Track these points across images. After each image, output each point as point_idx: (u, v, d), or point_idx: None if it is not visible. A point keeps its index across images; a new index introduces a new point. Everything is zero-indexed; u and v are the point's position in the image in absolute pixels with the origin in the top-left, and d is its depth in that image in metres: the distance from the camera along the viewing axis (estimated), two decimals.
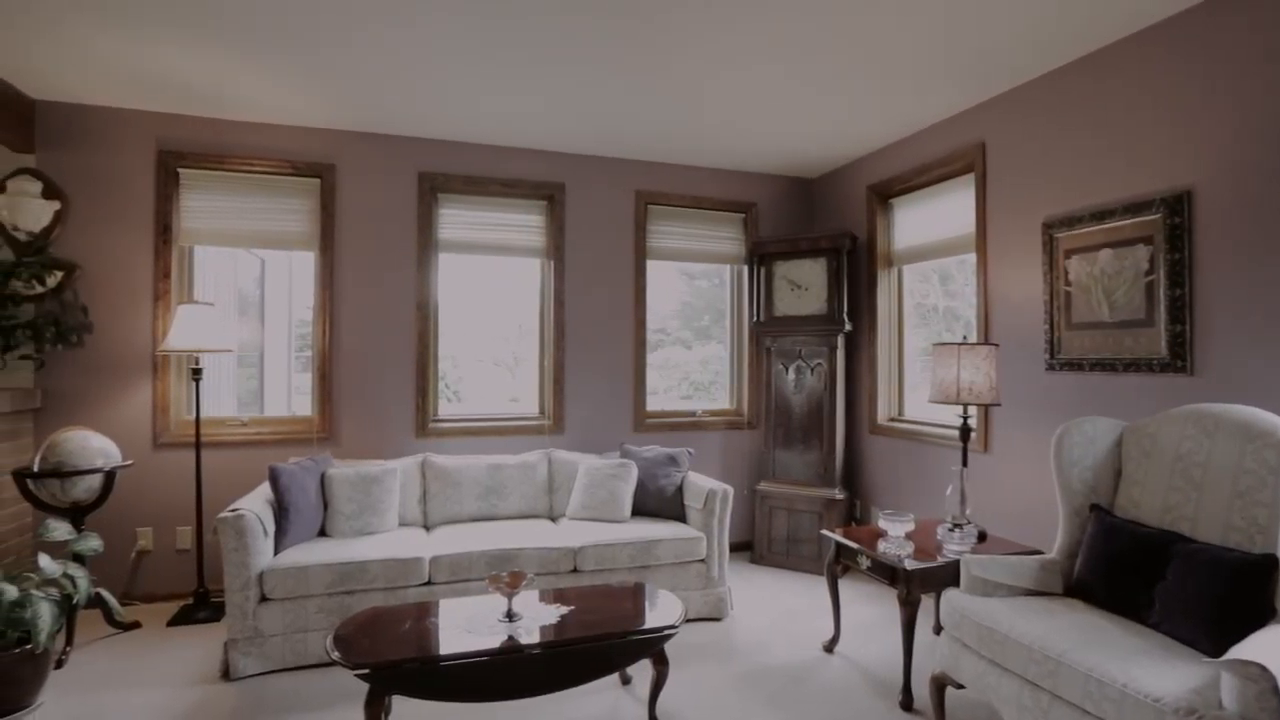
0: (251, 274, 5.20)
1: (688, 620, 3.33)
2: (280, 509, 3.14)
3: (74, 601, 2.77)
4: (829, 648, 3.12)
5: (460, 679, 2.21)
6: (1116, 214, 2.81)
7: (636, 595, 2.78)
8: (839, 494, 4.22)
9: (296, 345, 5.43)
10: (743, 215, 4.84)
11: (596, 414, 4.46)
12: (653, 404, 4.67)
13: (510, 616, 2.43)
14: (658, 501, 3.78)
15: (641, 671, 2.76)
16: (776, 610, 3.63)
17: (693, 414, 4.73)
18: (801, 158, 4.52)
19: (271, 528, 3.05)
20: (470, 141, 4.19)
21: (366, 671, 2.13)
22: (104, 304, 3.65)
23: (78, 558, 2.96)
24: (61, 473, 3.11)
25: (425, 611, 2.55)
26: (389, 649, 2.24)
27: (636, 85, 3.34)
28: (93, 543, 3.03)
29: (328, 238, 3.97)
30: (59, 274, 3.53)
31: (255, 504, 3.03)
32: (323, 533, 3.33)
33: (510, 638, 2.30)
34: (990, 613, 2.22)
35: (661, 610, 2.58)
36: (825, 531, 3.25)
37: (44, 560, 2.75)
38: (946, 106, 3.60)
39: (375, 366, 4.05)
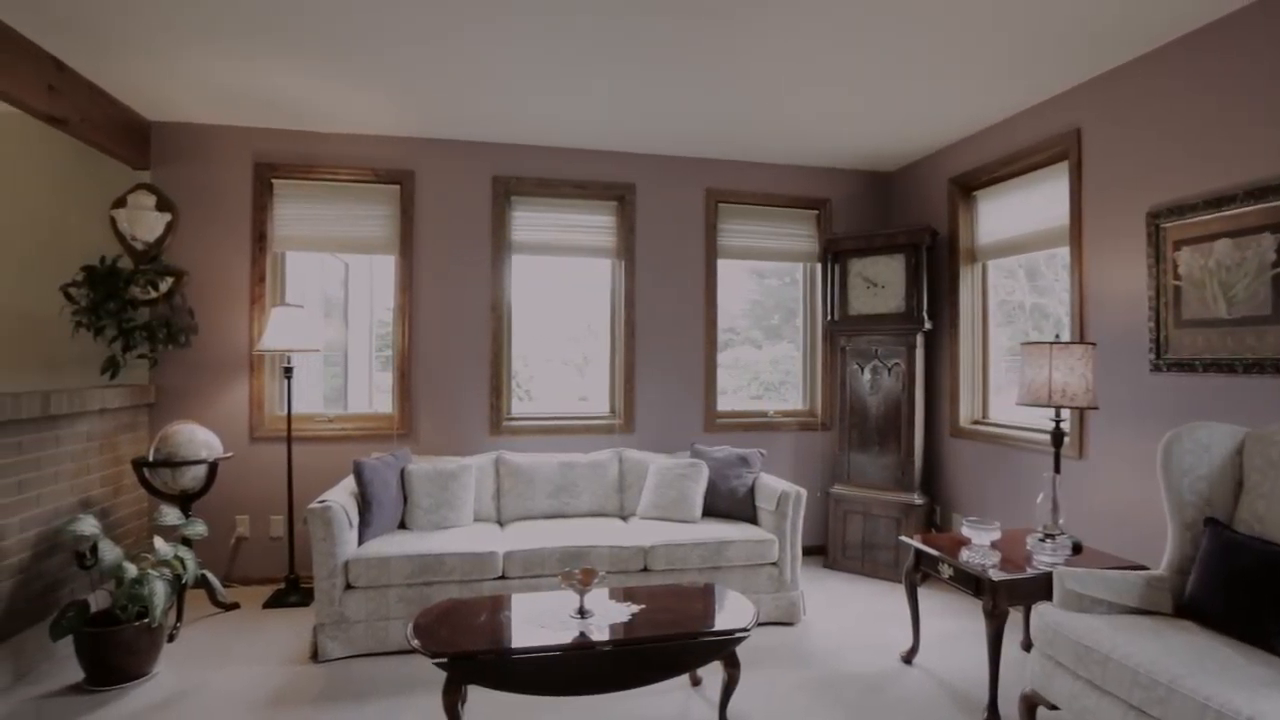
0: (336, 277, 5.47)
1: (759, 624, 3.26)
2: (364, 502, 3.28)
3: (183, 581, 2.99)
4: (907, 658, 3.00)
5: (533, 672, 2.25)
6: (1237, 200, 2.57)
7: (707, 596, 2.76)
8: (918, 499, 4.05)
9: (377, 345, 5.67)
10: (815, 212, 4.72)
11: (666, 413, 4.45)
12: (723, 404, 4.62)
13: (582, 613, 2.45)
14: (729, 502, 3.73)
15: (712, 674, 2.73)
16: (851, 617, 3.53)
17: (764, 414, 4.66)
18: (878, 151, 4.37)
19: (356, 519, 3.20)
20: (542, 145, 4.27)
21: (444, 661, 2.19)
22: (207, 307, 3.92)
23: (186, 541, 3.19)
24: (172, 463, 3.36)
25: (499, 605, 2.60)
26: (466, 640, 2.30)
27: (709, 82, 3.31)
28: (198, 528, 3.26)
29: (407, 241, 4.12)
30: (170, 280, 3.81)
31: (341, 496, 3.18)
32: (402, 525, 3.46)
33: (582, 634, 2.31)
34: (1089, 630, 2.07)
35: (733, 612, 2.55)
36: (904, 538, 3.12)
37: (159, 542, 2.98)
38: (1038, 91, 3.39)
39: (451, 366, 4.18)
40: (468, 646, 2.25)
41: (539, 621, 2.41)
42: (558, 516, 3.77)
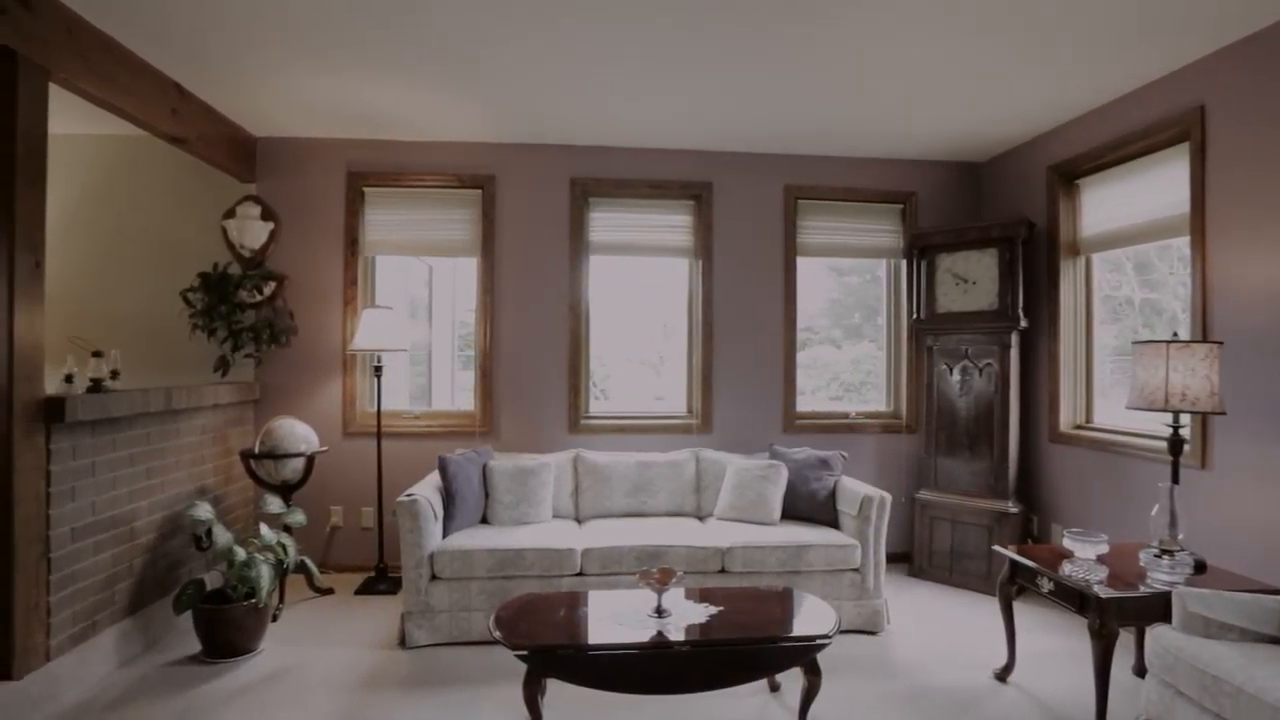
0: (420, 279, 5.69)
1: (840, 631, 3.16)
2: (448, 496, 3.39)
3: (285, 566, 3.18)
4: (1001, 676, 2.83)
5: (611, 669, 2.26)
6: None
7: (786, 600, 2.70)
8: (1012, 507, 3.82)
9: (459, 345, 5.87)
10: (900, 206, 4.54)
11: (744, 414, 4.39)
12: (801, 405, 4.51)
13: (660, 612, 2.44)
14: (808, 505, 3.64)
15: (791, 680, 2.66)
16: (938, 629, 3.36)
17: (846, 415, 4.51)
18: (969, 140, 4.15)
19: (440, 513, 3.31)
20: (618, 146, 4.29)
21: (525, 653, 2.23)
22: (305, 309, 4.17)
23: (287, 529, 3.40)
24: (275, 455, 3.58)
25: (578, 601, 2.63)
26: (545, 634, 2.33)
27: (788, 77, 3.24)
28: (298, 516, 3.46)
29: (488, 244, 4.24)
30: (272, 284, 4.08)
31: (426, 491, 3.31)
32: (484, 520, 3.56)
33: (660, 633, 2.31)
34: (1217, 659, 1.89)
35: (814, 618, 2.48)
36: (998, 548, 2.95)
37: (264, 529, 3.19)
38: (1151, 68, 3.13)
39: (531, 365, 4.27)
40: (547, 640, 2.29)
41: (617, 619, 2.42)
42: (635, 515, 3.78)
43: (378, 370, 3.93)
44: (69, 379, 2.89)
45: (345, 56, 3.06)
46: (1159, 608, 2.29)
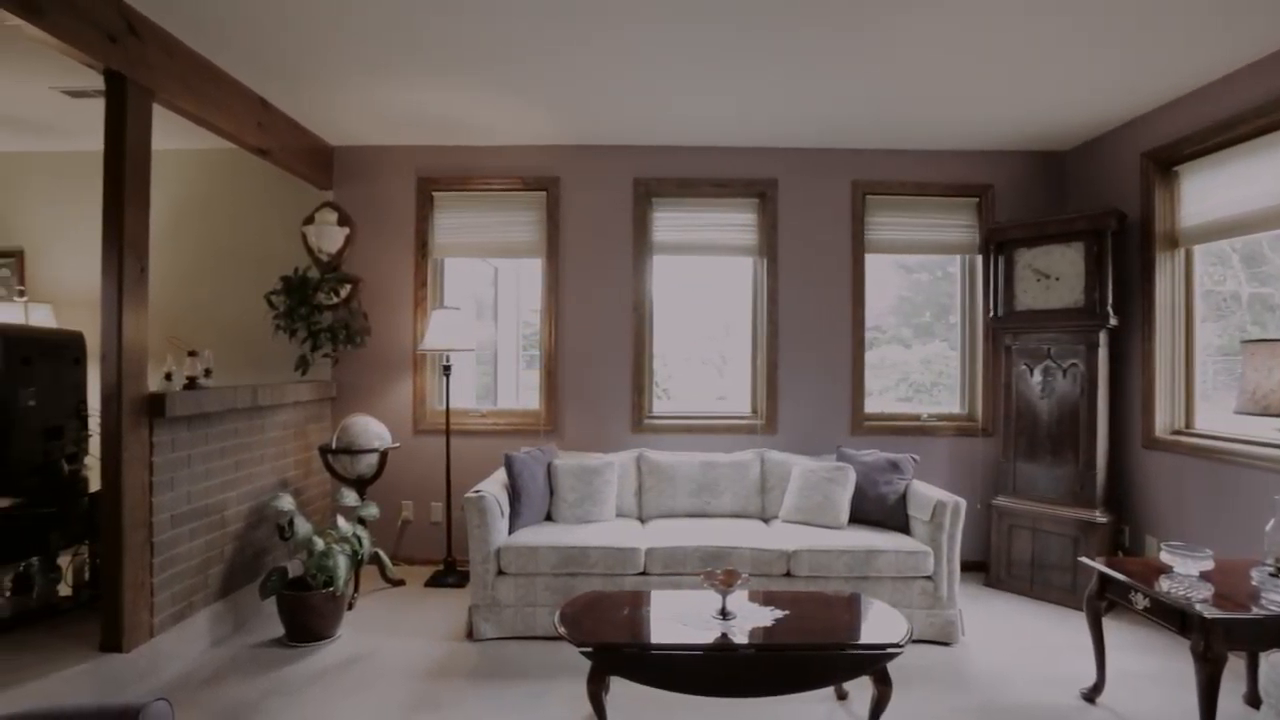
0: (486, 279, 5.82)
1: (912, 640, 3.05)
2: (514, 493, 3.46)
3: (359, 557, 3.31)
4: (1089, 696, 2.66)
5: (675, 669, 2.25)
6: None
7: (854, 606, 2.62)
8: (1100, 516, 3.59)
9: (523, 344, 5.97)
10: (976, 200, 4.34)
11: (810, 414, 4.29)
12: (869, 406, 4.37)
13: (724, 614, 2.41)
14: (877, 510, 3.53)
15: (859, 689, 2.58)
16: (1018, 642, 3.19)
17: (917, 417, 4.35)
18: (1051, 128, 3.93)
19: (506, 509, 3.38)
20: (681, 145, 4.28)
21: (589, 650, 2.24)
22: (378, 311, 4.33)
23: (361, 521, 3.53)
24: (350, 450, 3.73)
25: (641, 600, 2.63)
26: (610, 632, 2.34)
27: (855, 69, 3.14)
28: (372, 510, 3.59)
29: (553, 245, 4.30)
30: (348, 287, 4.26)
31: (493, 487, 3.38)
32: (548, 517, 3.61)
33: (724, 635, 2.28)
34: None
35: (884, 626, 2.40)
36: (1085, 559, 2.77)
37: (341, 521, 3.33)
38: (1266, 40, 2.87)
39: (594, 364, 4.30)
40: (612, 638, 2.29)
41: (681, 619, 2.40)
42: (698, 516, 3.75)
43: (446, 369, 4.05)
44: (168, 377, 3.10)
45: (415, 66, 3.16)
46: (1275, 632, 2.10)
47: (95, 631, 2.64)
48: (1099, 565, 2.62)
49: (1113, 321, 3.62)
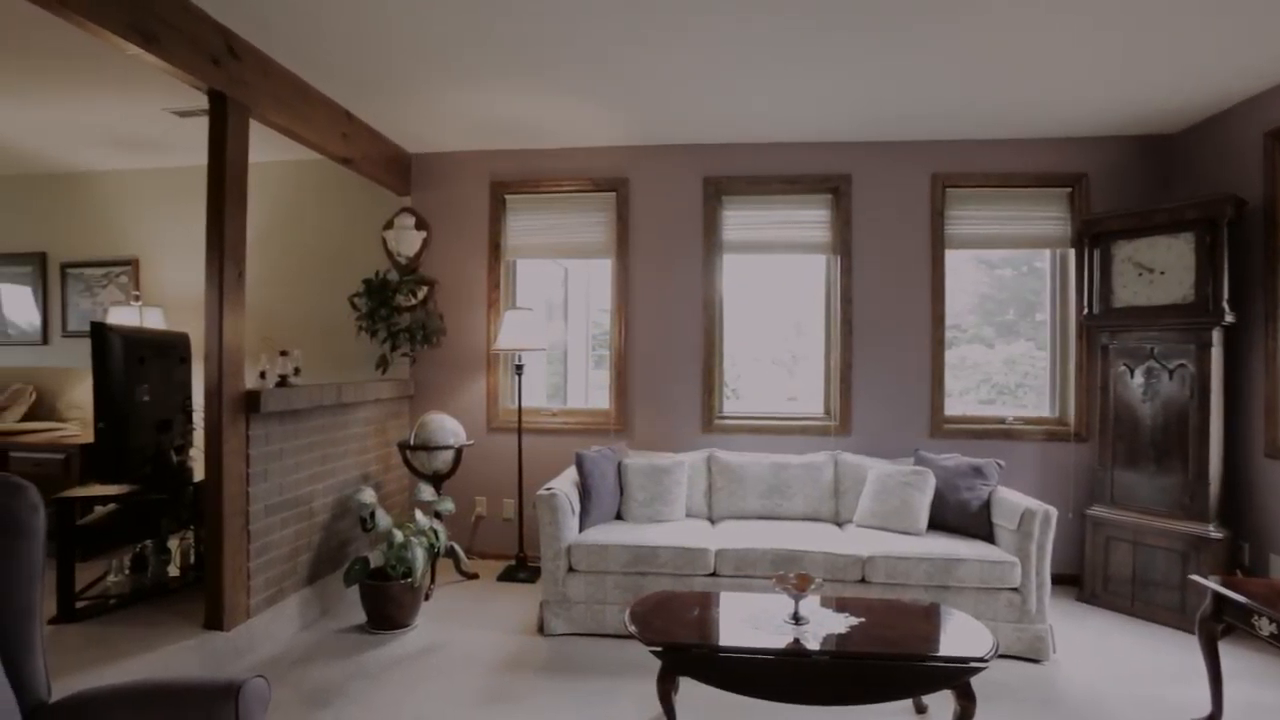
0: (556, 279, 5.91)
1: (998, 655, 2.89)
2: (584, 491, 3.49)
3: (436, 550, 3.42)
4: None
5: (745, 673, 2.21)
6: None
7: (934, 616, 2.50)
8: (1214, 531, 3.30)
9: (592, 344, 6.03)
10: (1068, 190, 4.08)
11: (886, 416, 4.14)
12: (948, 408, 4.18)
13: (796, 619, 2.36)
14: (958, 516, 3.37)
15: (939, 704, 2.46)
16: (1117, 663, 2.97)
17: (1001, 420, 4.13)
18: (1156, 109, 3.64)
19: (577, 507, 3.41)
20: (751, 142, 4.22)
21: (660, 650, 2.24)
22: (453, 312, 4.47)
23: (437, 515, 3.65)
24: (428, 447, 3.86)
25: (712, 602, 2.60)
26: (680, 632, 2.33)
27: (936, 55, 3.00)
28: (447, 505, 3.71)
29: (622, 245, 4.33)
30: (425, 289, 4.42)
31: (564, 485, 3.42)
32: (618, 516, 3.62)
33: (796, 640, 2.23)
34: None
35: (967, 638, 2.28)
36: (1197, 577, 2.55)
37: (418, 515, 3.45)
38: None
39: (664, 364, 4.30)
40: (682, 639, 2.28)
41: (752, 622, 2.36)
42: (769, 518, 3.68)
43: (519, 369, 4.13)
44: (262, 375, 3.30)
45: (488, 72, 3.23)
46: None
47: (199, 610, 2.84)
48: (1214, 585, 2.40)
49: (1229, 318, 3.32)
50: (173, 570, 3.25)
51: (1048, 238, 4.13)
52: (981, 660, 2.13)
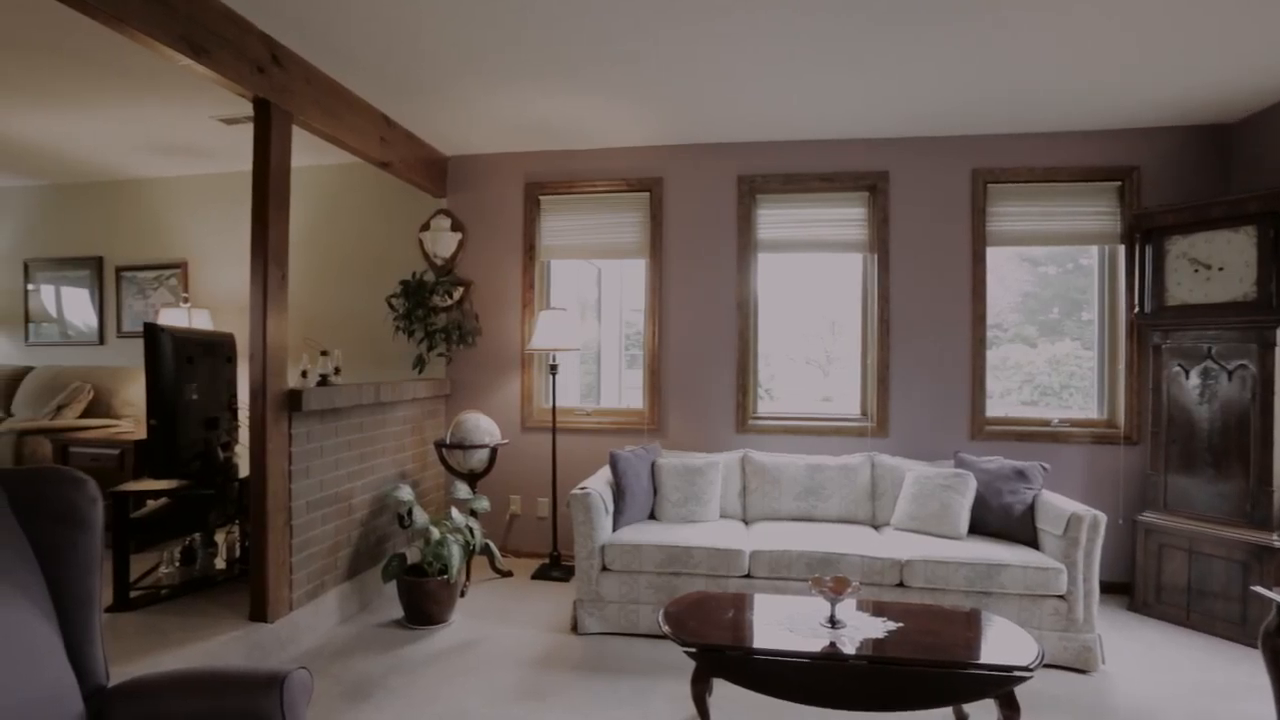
0: (589, 279, 5.94)
1: (1043, 664, 2.80)
2: (618, 490, 3.49)
3: (471, 548, 3.46)
4: None
5: (780, 676, 2.18)
6: None
7: (975, 623, 2.44)
8: (1278, 541, 3.14)
9: (625, 344, 6.05)
10: (1118, 184, 3.94)
11: (925, 417, 4.05)
12: (989, 409, 4.07)
13: (833, 622, 2.32)
14: (1000, 521, 3.27)
15: (980, 713, 2.39)
16: (1171, 676, 2.85)
17: (1046, 423, 4.00)
18: (1214, 97, 3.46)
19: (611, 507, 3.42)
20: (786, 140, 4.17)
21: (694, 651, 2.22)
22: (488, 312, 4.52)
23: (473, 513, 3.69)
24: (463, 446, 3.91)
25: (747, 603, 2.58)
26: (714, 633, 2.31)
27: (979, 46, 2.92)
28: (483, 503, 3.75)
29: (656, 245, 4.32)
30: (460, 289, 4.48)
31: (598, 485, 3.43)
32: (652, 516, 3.62)
33: (833, 644, 2.20)
34: None
35: (1011, 646, 2.21)
36: (1260, 588, 2.43)
37: (454, 512, 3.50)
38: None
39: (698, 364, 4.28)
40: (716, 640, 2.26)
41: (788, 625, 2.33)
42: (804, 520, 3.64)
43: (553, 369, 4.16)
44: (304, 374, 3.38)
45: (521, 74, 3.25)
46: None
47: (244, 602, 2.92)
48: (1278, 597, 2.29)
49: None
50: (219, 563, 3.35)
51: (1096, 233, 3.99)
52: (1026, 669, 2.07)
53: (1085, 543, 2.92)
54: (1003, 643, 2.26)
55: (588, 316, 5.84)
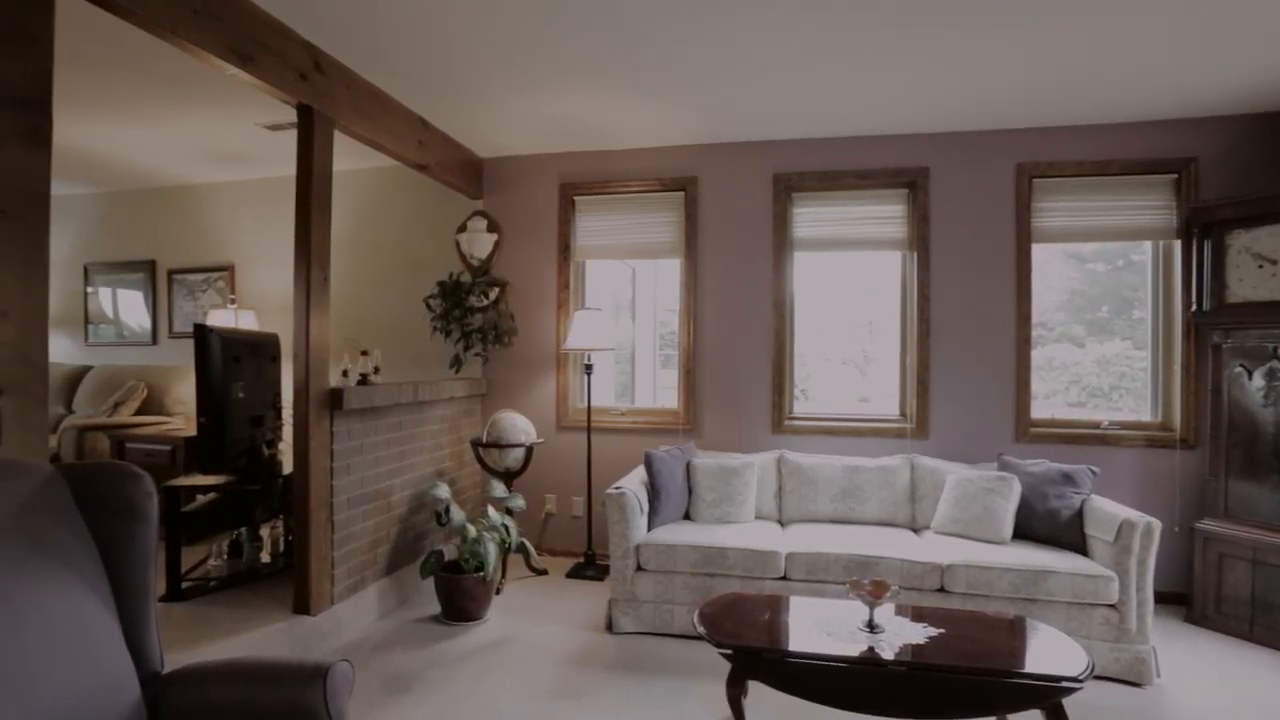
0: (623, 279, 5.95)
1: (1094, 676, 2.70)
2: (653, 490, 3.49)
3: (507, 545, 3.49)
4: None
5: (817, 680, 2.15)
6: None
7: (1020, 631, 2.36)
8: None
9: (659, 343, 6.04)
10: (1173, 176, 3.77)
11: (967, 419, 3.95)
12: (1034, 411, 3.94)
13: (871, 627, 2.28)
14: (1046, 526, 3.17)
15: None
16: (1232, 692, 2.72)
17: (1096, 425, 3.86)
18: (1277, 83, 3.31)
19: (646, 506, 3.41)
20: (822, 137, 4.11)
21: (730, 652, 2.20)
22: (524, 312, 4.56)
23: (509, 512, 3.73)
24: (500, 445, 3.95)
25: (783, 605, 2.55)
26: (750, 635, 2.29)
27: (1026, 34, 2.84)
28: (519, 501, 3.78)
29: (691, 244, 4.30)
30: (497, 290, 4.53)
31: (633, 484, 3.42)
32: (687, 516, 3.60)
33: (871, 649, 2.15)
34: None
35: (1058, 655, 2.14)
36: None
37: (490, 510, 3.54)
38: None
39: (733, 364, 4.24)
40: (753, 642, 2.24)
41: (825, 628, 2.29)
42: (841, 522, 3.58)
43: (588, 369, 4.17)
44: (345, 374, 3.45)
45: (554, 76, 3.27)
46: None
47: (288, 595, 3.00)
48: None
49: None
50: (264, 556, 3.45)
51: (1149, 228, 3.83)
52: (1075, 680, 2.00)
53: (1138, 550, 2.81)
54: (1050, 651, 2.19)
55: (622, 316, 5.85)
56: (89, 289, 5.68)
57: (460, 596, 3.30)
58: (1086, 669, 2.03)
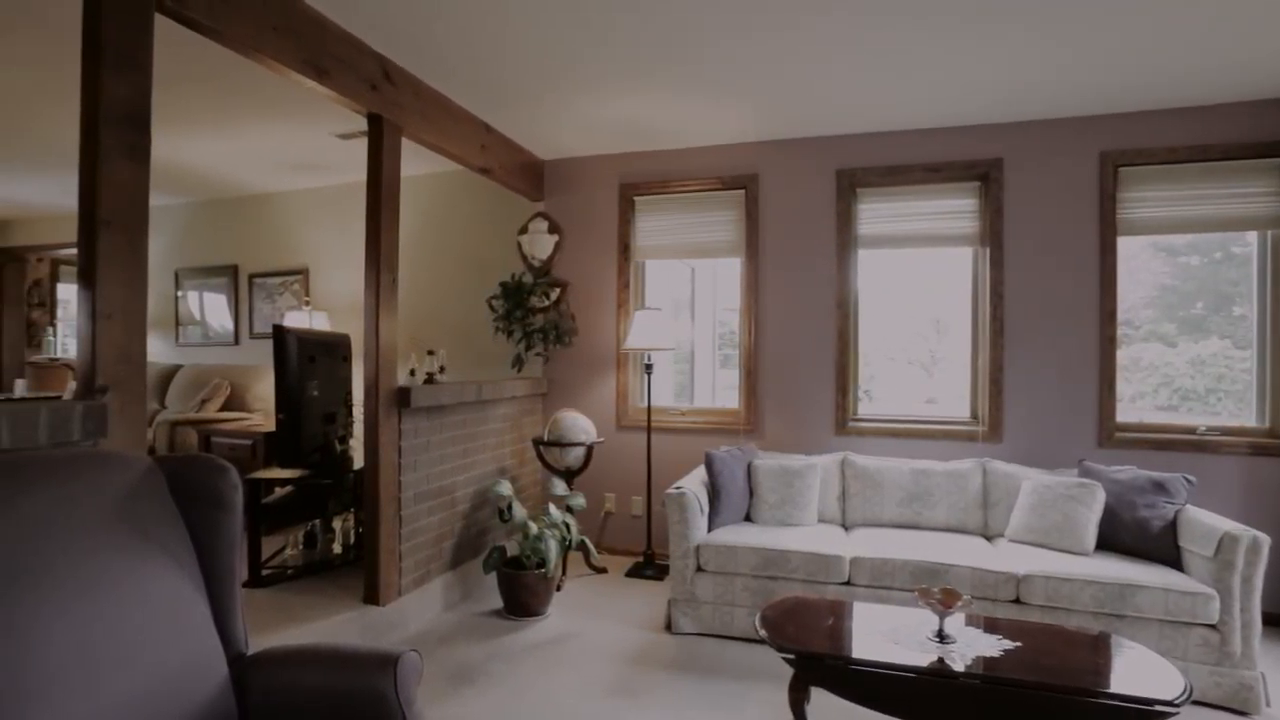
0: (683, 279, 5.92)
1: (1192, 701, 2.52)
2: (713, 491, 3.46)
3: (567, 543, 3.53)
4: None
5: (883, 689, 2.08)
6: None
7: (1105, 648, 2.22)
8: None
9: (718, 343, 5.98)
10: None
11: (1044, 422, 3.75)
12: (1119, 414, 3.71)
13: (941, 637, 2.18)
14: (1135, 537, 2.98)
15: None
16: None
17: (1191, 430, 3.60)
18: None
19: (706, 507, 3.39)
20: (888, 130, 3.98)
21: (792, 657, 2.16)
22: (584, 312, 4.60)
23: (569, 510, 3.77)
24: (560, 443, 4.00)
25: (847, 611, 2.48)
26: (813, 640, 2.23)
27: (1105, 9, 2.67)
28: (579, 500, 3.82)
29: (752, 243, 4.25)
30: (557, 290, 4.58)
31: (693, 484, 3.40)
32: (748, 517, 3.55)
33: (941, 660, 2.06)
34: None
35: (1149, 676, 2.00)
36: None
37: (551, 508, 3.58)
38: None
39: (796, 364, 4.16)
40: (816, 648, 2.18)
41: (892, 637, 2.22)
42: (908, 527, 3.46)
43: (648, 368, 4.17)
44: (412, 373, 3.57)
45: (613, 76, 3.28)
46: None
47: (358, 586, 3.12)
48: None
49: None
50: (336, 548, 3.59)
51: (1255, 217, 3.54)
52: (1170, 704, 1.86)
53: (1243, 566, 2.60)
54: (1140, 672, 2.04)
55: (681, 316, 5.82)
56: (179, 293, 6.06)
57: (522, 592, 3.35)
58: (1184, 693, 1.89)
